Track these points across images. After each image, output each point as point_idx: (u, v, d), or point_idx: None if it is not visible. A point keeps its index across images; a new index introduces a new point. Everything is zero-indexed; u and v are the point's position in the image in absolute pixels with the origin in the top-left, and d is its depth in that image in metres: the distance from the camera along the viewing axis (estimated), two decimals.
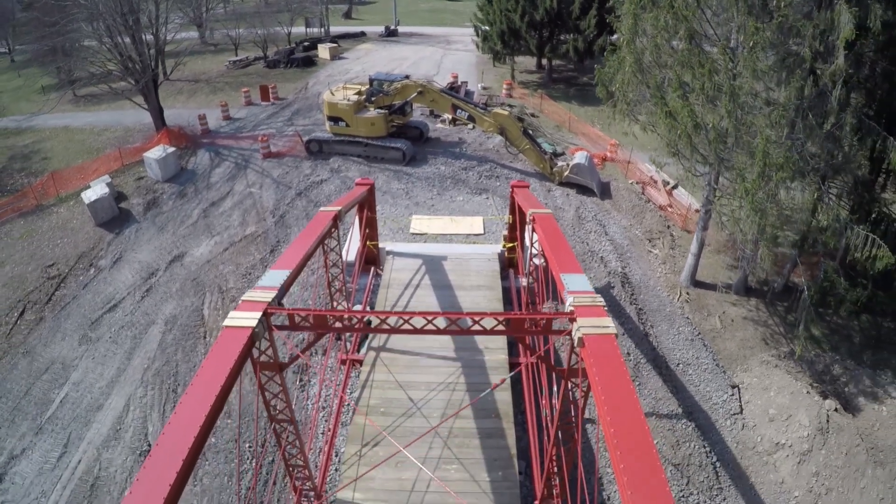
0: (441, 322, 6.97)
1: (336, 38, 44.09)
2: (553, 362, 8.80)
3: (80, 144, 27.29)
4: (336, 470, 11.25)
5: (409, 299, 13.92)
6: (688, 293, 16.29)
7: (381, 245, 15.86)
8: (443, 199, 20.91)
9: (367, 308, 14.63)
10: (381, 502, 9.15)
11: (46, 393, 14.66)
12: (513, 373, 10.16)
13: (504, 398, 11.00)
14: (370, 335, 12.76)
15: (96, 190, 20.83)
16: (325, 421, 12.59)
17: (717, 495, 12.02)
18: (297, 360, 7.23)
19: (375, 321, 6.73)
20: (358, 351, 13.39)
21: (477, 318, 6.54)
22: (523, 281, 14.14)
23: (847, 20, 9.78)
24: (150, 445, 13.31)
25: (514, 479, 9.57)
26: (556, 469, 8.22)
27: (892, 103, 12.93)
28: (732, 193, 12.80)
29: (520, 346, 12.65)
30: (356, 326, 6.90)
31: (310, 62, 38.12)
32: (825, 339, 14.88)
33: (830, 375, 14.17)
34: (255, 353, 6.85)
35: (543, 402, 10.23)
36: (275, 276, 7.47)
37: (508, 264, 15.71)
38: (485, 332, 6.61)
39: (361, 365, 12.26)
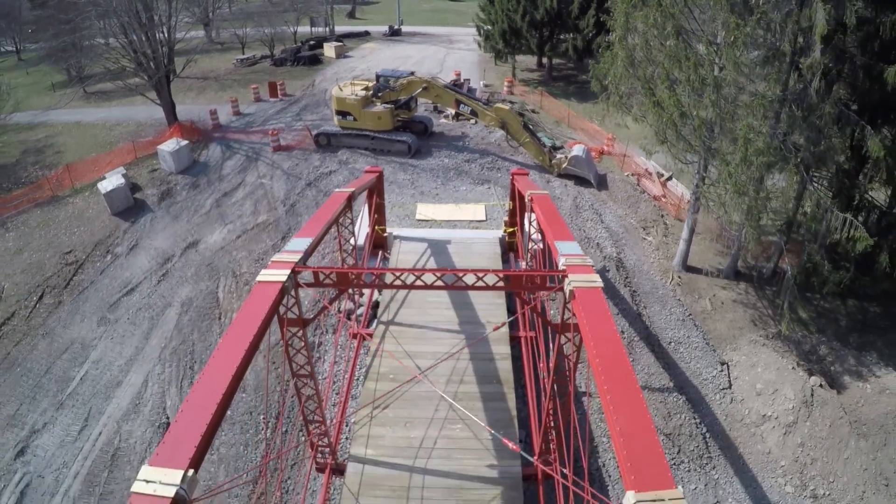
0: (448, 283, 7.73)
1: (341, 38, 44.86)
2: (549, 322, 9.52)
3: (93, 139, 27.97)
4: (347, 438, 11.98)
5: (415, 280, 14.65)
6: (679, 277, 16.95)
7: (388, 230, 16.61)
8: (447, 188, 21.62)
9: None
10: (391, 458, 9.87)
11: (66, 371, 15.30)
12: (511, 318, 10.95)
13: (505, 366, 11.76)
14: (380, 312, 13.51)
15: (112, 181, 21.53)
16: (337, 394, 13.32)
17: (706, 463, 12.67)
18: (324, 310, 8.00)
19: (390, 277, 7.49)
20: (368, 327, 14.15)
21: (480, 275, 7.32)
22: (522, 263, 14.88)
23: (821, 17, 10.53)
24: (168, 418, 13.98)
25: (514, 437, 10.29)
26: (552, 424, 8.96)
27: (872, 95, 13.64)
28: (718, 180, 13.55)
29: (519, 320, 13.36)
30: (373, 283, 7.64)
31: (316, 60, 38.83)
32: (812, 321, 15.43)
33: (817, 355, 14.76)
34: (282, 310, 7.61)
35: (541, 364, 10.97)
36: (299, 242, 8.29)
37: (509, 248, 16.45)
38: (487, 287, 7.38)
39: (371, 338, 13.01)
